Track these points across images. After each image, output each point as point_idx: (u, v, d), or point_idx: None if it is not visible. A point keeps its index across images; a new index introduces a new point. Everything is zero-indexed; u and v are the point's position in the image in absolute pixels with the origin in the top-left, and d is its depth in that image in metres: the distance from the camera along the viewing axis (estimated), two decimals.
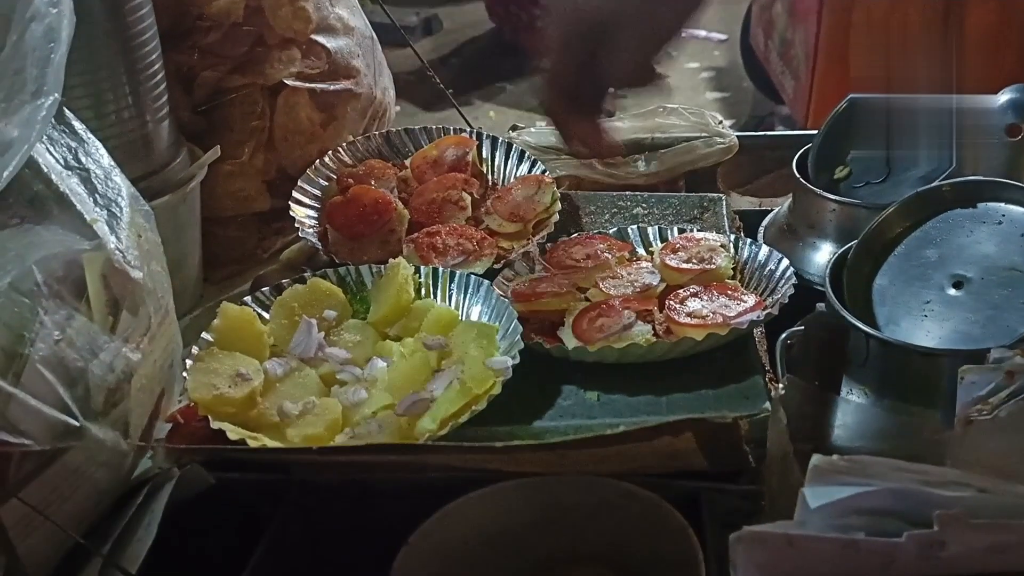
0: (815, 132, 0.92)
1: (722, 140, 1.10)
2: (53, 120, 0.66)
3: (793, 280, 0.79)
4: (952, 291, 0.68)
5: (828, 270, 0.72)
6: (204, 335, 0.77)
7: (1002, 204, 0.69)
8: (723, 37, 5.16)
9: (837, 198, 0.84)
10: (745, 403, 0.70)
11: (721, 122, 1.12)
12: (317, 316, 0.80)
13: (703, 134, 1.10)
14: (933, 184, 0.73)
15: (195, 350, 0.76)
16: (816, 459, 0.48)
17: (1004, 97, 0.81)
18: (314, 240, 0.93)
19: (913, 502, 0.46)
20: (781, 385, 0.59)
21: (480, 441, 0.69)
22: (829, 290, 0.70)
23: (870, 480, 0.47)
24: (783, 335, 0.72)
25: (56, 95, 0.59)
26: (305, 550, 0.67)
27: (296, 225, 0.93)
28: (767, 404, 0.70)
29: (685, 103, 1.17)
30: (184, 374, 0.73)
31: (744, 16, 4.35)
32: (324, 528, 0.68)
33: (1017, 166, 0.80)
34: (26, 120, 0.58)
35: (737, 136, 1.13)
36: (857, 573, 0.46)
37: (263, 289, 0.83)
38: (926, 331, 0.67)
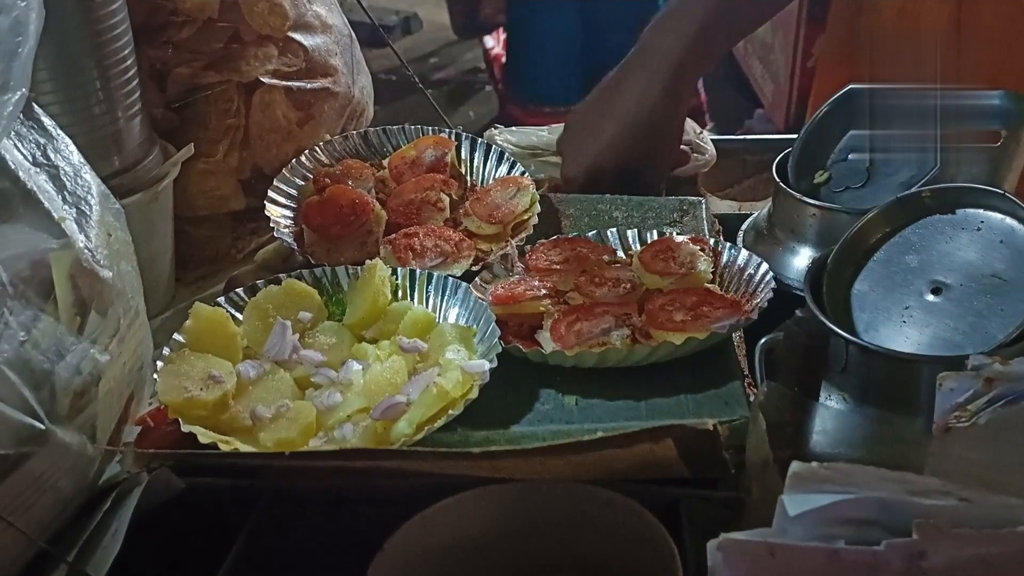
0: (795, 136, 0.92)
1: (700, 155, 1.09)
2: (21, 116, 0.65)
3: (772, 284, 0.78)
4: (932, 297, 0.68)
5: (807, 275, 0.72)
6: (176, 336, 0.76)
7: (981, 210, 0.69)
8: None
9: (817, 203, 0.83)
10: (725, 408, 0.70)
11: (700, 133, 1.11)
12: (292, 318, 0.78)
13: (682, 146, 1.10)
14: (913, 190, 0.72)
15: (166, 351, 0.74)
16: (796, 466, 0.47)
17: (987, 102, 0.81)
18: (290, 240, 0.91)
19: (895, 511, 0.45)
20: (760, 391, 0.58)
21: (456, 446, 0.68)
22: (808, 295, 0.70)
23: (851, 488, 0.46)
24: (762, 340, 0.71)
25: (24, 90, 0.58)
26: (277, 557, 0.66)
27: (271, 225, 0.92)
28: (746, 410, 0.69)
29: None
30: (154, 376, 0.71)
31: None
32: (297, 535, 0.67)
33: (998, 172, 0.80)
34: None
35: (718, 140, 1.13)
36: None
37: (237, 290, 0.82)
38: (905, 337, 0.67)
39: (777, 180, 0.87)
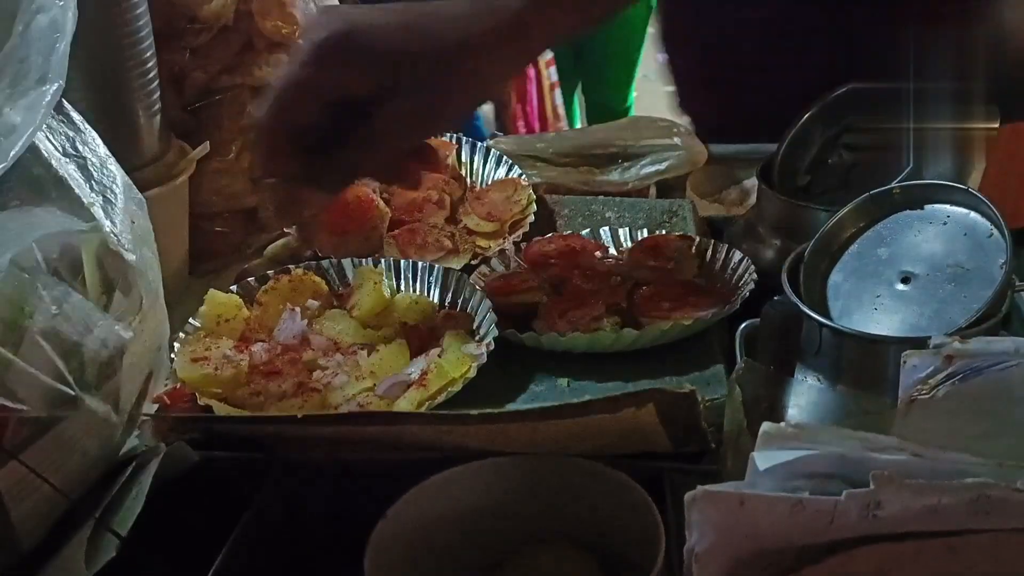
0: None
1: (692, 150, 1.14)
2: (52, 111, 0.69)
3: (754, 277, 0.83)
4: (901, 286, 0.73)
5: (785, 266, 0.77)
6: (191, 321, 0.80)
7: (948, 206, 0.74)
8: None
9: (797, 202, 0.88)
10: (707, 389, 0.74)
11: (690, 131, 1.16)
12: (300, 305, 0.83)
13: (673, 142, 1.14)
14: (884, 187, 0.77)
15: (182, 335, 0.79)
16: (766, 426, 0.51)
17: (958, 101, 0.86)
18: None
19: (854, 465, 0.50)
20: (738, 368, 0.63)
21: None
22: (786, 283, 0.74)
23: (815, 445, 0.51)
24: (742, 325, 0.76)
25: (60, 82, 0.62)
26: (285, 525, 0.70)
27: None
28: (727, 390, 0.73)
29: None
30: (172, 355, 0.76)
31: None
32: (304, 505, 0.71)
33: (964, 169, 0.84)
34: (30, 105, 0.61)
35: (709, 147, 1.17)
36: (803, 530, 0.50)
37: (249, 279, 0.86)
38: (876, 323, 0.72)
39: (760, 181, 0.92)
